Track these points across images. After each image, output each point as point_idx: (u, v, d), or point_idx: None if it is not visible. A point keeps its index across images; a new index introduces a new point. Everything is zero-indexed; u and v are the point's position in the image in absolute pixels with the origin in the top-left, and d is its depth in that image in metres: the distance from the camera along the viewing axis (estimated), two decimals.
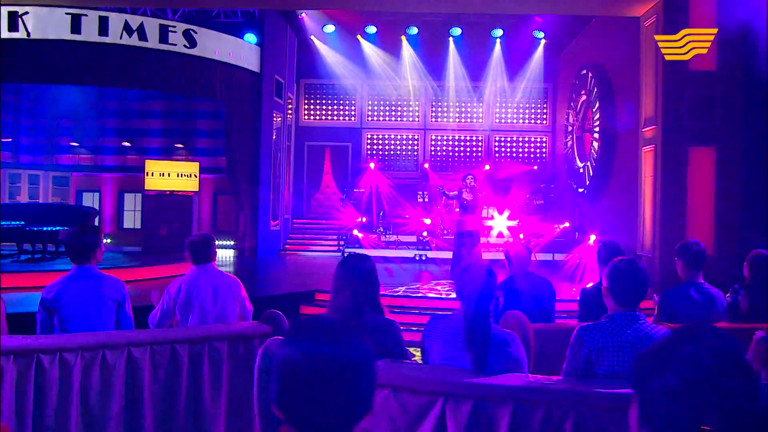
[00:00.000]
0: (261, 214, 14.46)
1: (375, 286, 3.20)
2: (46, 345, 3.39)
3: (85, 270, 3.76)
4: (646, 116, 11.28)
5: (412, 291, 9.04)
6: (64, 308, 3.65)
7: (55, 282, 3.74)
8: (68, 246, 3.74)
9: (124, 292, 3.85)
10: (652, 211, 10.94)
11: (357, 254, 3.27)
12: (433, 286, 9.54)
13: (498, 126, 18.48)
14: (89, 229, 3.80)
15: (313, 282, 10.30)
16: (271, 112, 14.93)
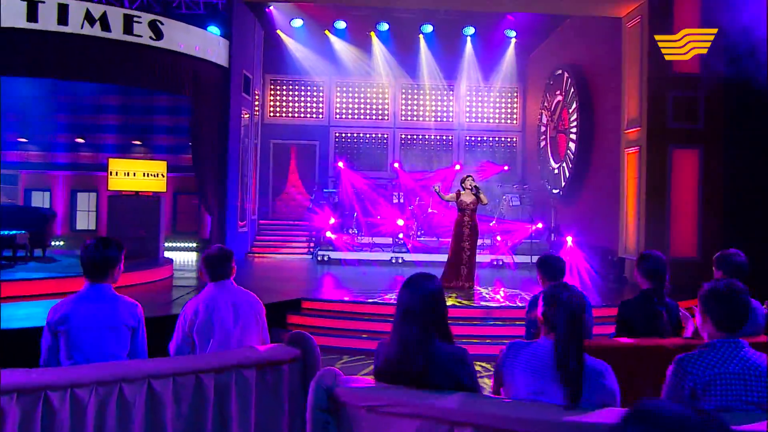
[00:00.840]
0: (229, 216, 13.88)
1: (445, 309, 2.87)
2: (56, 380, 2.92)
3: (100, 290, 3.30)
4: (629, 118, 11.27)
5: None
6: (74, 332, 3.18)
7: (63, 301, 3.27)
8: (87, 260, 3.26)
9: (140, 317, 3.41)
10: (636, 213, 10.93)
11: (422, 274, 2.92)
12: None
13: (469, 125, 18.34)
14: (113, 243, 3.33)
15: (294, 289, 9.87)
16: (240, 108, 14.36)
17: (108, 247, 3.28)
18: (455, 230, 9.91)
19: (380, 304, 8.07)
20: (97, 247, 3.26)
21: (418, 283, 2.85)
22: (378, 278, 11.63)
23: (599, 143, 13.13)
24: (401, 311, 2.82)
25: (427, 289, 2.82)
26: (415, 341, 2.74)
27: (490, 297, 9.00)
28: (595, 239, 12.80)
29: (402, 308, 2.82)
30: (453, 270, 9.75)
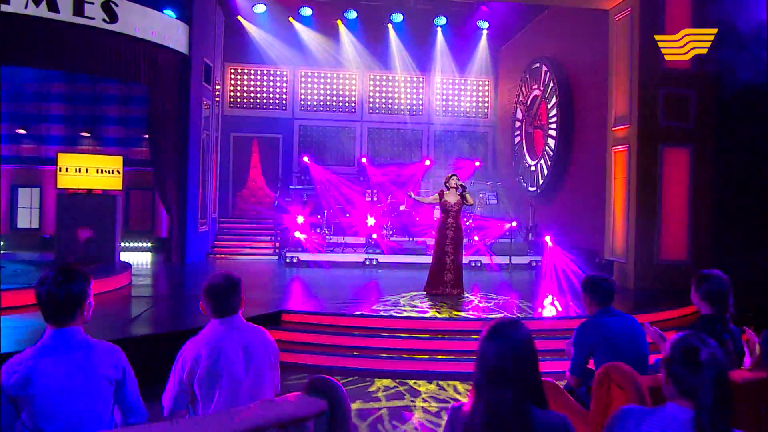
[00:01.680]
0: (190, 214, 12.99)
1: (537, 366, 2.24)
2: None
3: (67, 336, 2.55)
4: (617, 114, 10.91)
5: (390, 308, 8.10)
6: (40, 399, 2.42)
7: (21, 358, 2.49)
8: (46, 299, 2.51)
9: (123, 364, 2.67)
10: (624, 214, 10.59)
11: (507, 322, 2.25)
12: (408, 301, 8.64)
13: (440, 119, 17.80)
14: (78, 273, 2.59)
15: (266, 297, 9.14)
16: (200, 98, 13.44)
17: (72, 280, 2.54)
18: (438, 233, 9.34)
19: (370, 316, 7.42)
20: (58, 282, 2.50)
21: (505, 334, 2.20)
22: (354, 283, 10.98)
23: (581, 140, 12.78)
24: (487, 371, 2.18)
25: (518, 340, 2.19)
26: (509, 410, 2.11)
27: (483, 305, 8.47)
28: (577, 240, 12.45)
29: (488, 367, 2.18)
30: (436, 276, 9.18)
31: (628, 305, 9.25)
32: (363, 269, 12.64)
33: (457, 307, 8.28)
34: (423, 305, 8.30)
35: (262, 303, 8.35)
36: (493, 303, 8.56)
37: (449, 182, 9.31)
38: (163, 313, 7.69)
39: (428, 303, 8.47)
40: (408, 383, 6.23)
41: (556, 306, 8.78)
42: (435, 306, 8.26)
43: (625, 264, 10.48)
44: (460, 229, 9.29)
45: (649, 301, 9.40)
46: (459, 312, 7.89)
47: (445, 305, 8.31)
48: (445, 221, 9.24)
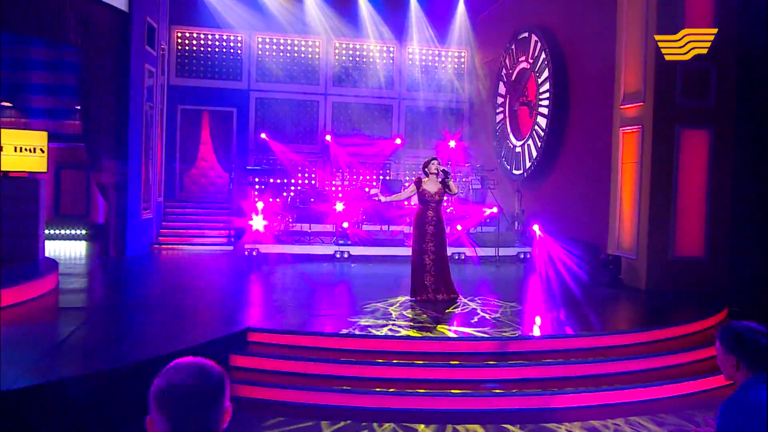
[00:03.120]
0: (131, 199, 11.32)
1: None
2: None
3: None
4: (627, 91, 9.74)
5: (379, 321, 6.75)
6: None
7: None
8: None
9: None
10: (635, 203, 9.47)
11: None
12: (399, 310, 7.30)
13: (412, 93, 16.38)
14: None
15: (226, 307, 7.67)
16: (143, 64, 11.68)
17: None
18: (415, 229, 7.98)
19: (360, 337, 6.05)
20: None
21: None
22: (326, 282, 9.59)
23: (577, 119, 11.60)
24: None
25: None
26: None
27: (489, 314, 7.21)
28: (572, 230, 11.33)
29: None
30: (417, 279, 7.86)
31: (643, 312, 8.18)
32: (333, 263, 11.24)
33: (460, 318, 6.99)
34: (420, 317, 6.98)
35: (223, 317, 6.90)
36: (499, 311, 7.29)
37: (429, 167, 7.95)
38: (98, 334, 6.13)
39: (423, 314, 7.15)
40: (416, 430, 4.92)
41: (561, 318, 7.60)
42: (433, 317, 6.95)
43: (634, 260, 9.40)
44: (442, 223, 7.96)
45: (666, 305, 8.35)
46: (462, 329, 6.59)
47: (447, 317, 7.01)
48: (424, 214, 7.88)
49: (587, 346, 6.24)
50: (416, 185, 7.97)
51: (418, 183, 7.96)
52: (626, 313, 8.20)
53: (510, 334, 6.27)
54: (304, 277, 9.87)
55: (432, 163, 7.97)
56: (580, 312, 7.59)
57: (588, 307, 8.00)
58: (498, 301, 7.91)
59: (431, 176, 7.91)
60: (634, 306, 8.50)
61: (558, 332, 6.63)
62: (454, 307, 7.47)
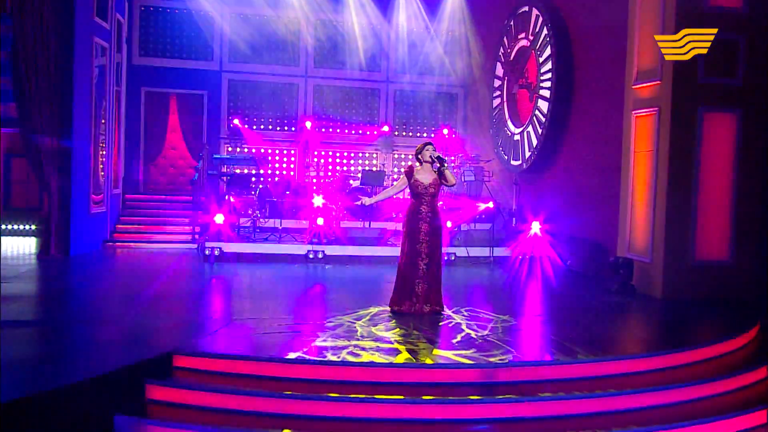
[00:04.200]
0: (77, 189, 10.20)
1: None
2: None
3: None
4: (641, 68, 8.62)
5: (341, 341, 5.63)
6: None
7: None
8: None
9: None
10: (649, 198, 8.36)
11: None
12: (367, 326, 6.17)
13: (400, 77, 15.21)
14: None
15: (159, 317, 6.54)
16: (91, 38, 10.52)
17: None
18: (406, 226, 6.88)
19: (310, 363, 4.93)
20: None
21: None
22: (292, 289, 8.46)
23: (584, 102, 10.47)
24: None
25: None
26: None
27: (472, 331, 6.09)
28: (577, 229, 10.23)
29: None
30: (405, 286, 6.75)
31: (661, 328, 7.07)
32: (305, 265, 10.11)
33: (436, 336, 5.88)
34: (389, 334, 5.84)
35: (148, 332, 5.77)
36: (488, 328, 6.17)
37: (422, 154, 6.85)
38: (19, 354, 4.96)
39: (396, 329, 6.02)
40: None
41: None
42: (407, 335, 5.83)
43: (649, 264, 8.28)
44: (438, 219, 6.85)
45: (688, 318, 7.25)
46: (440, 352, 5.46)
47: (420, 333, 5.89)
48: (416, 209, 6.78)
49: (594, 374, 5.13)
50: (407, 175, 6.86)
51: (410, 172, 6.85)
52: (641, 330, 7.07)
53: (499, 359, 5.15)
54: (267, 282, 8.75)
55: (426, 149, 6.84)
56: (586, 327, 6.48)
57: (595, 320, 6.90)
58: (488, 314, 6.79)
59: (425, 164, 6.80)
60: (649, 319, 7.39)
61: (558, 356, 5.50)
62: (436, 322, 6.36)
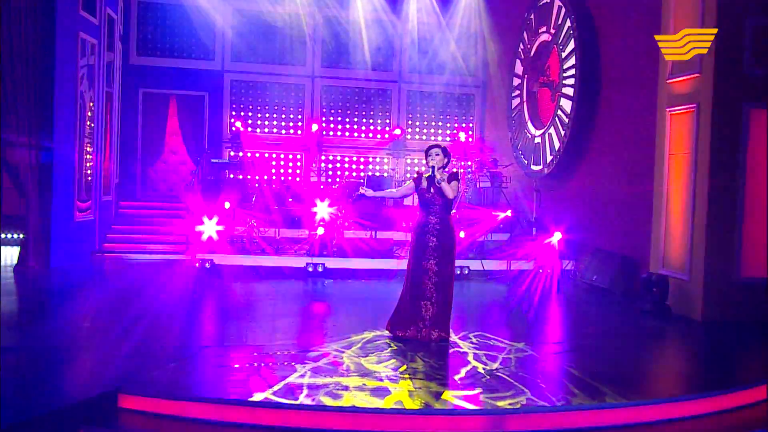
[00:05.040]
0: (58, 196, 9.54)
1: None
2: None
3: None
4: (677, 60, 7.70)
5: (322, 379, 4.82)
6: None
7: None
8: None
9: None
10: (687, 207, 7.43)
11: None
12: (356, 356, 5.35)
13: (413, 77, 14.41)
14: None
15: (126, 342, 5.77)
16: (76, 33, 9.88)
17: None
18: (413, 238, 6.05)
19: (277, 406, 4.11)
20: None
21: None
22: (284, 309, 7.62)
23: (611, 99, 9.57)
24: None
25: None
26: None
27: (485, 365, 5.23)
28: (605, 241, 9.31)
29: None
30: (410, 308, 5.91)
31: (704, 359, 6.13)
32: (304, 279, 9.31)
33: (436, 371, 5.02)
34: (381, 368, 4.99)
35: (100, 363, 5.00)
36: (499, 359, 5.31)
37: (431, 158, 5.99)
38: None
39: (390, 361, 5.18)
40: None
41: None
42: (403, 367, 4.99)
43: (686, 282, 7.34)
44: (449, 233, 5.95)
45: (734, 346, 6.31)
46: (450, 392, 4.61)
47: (417, 367, 5.04)
48: (424, 221, 5.94)
49: (625, 422, 4.25)
50: (415, 181, 6.03)
51: (419, 179, 6.02)
52: (680, 362, 6.12)
53: (510, 403, 4.29)
54: (254, 300, 7.93)
55: (430, 154, 5.97)
56: (615, 360, 5.57)
57: (625, 350, 5.99)
58: (501, 341, 5.91)
59: (439, 170, 5.94)
60: (689, 348, 6.46)
61: (581, 398, 4.61)
62: (439, 352, 5.51)
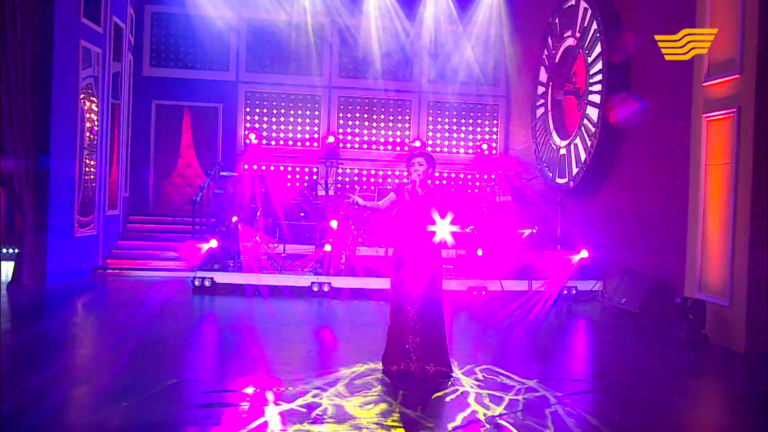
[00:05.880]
0: (55, 209, 9.06)
1: None
2: None
3: None
4: (713, 60, 6.85)
5: (296, 423, 4.09)
6: None
7: None
8: None
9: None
10: (727, 224, 6.54)
11: None
12: (332, 399, 4.61)
13: (433, 87, 13.71)
14: None
15: (83, 376, 5.13)
16: (77, 40, 9.42)
17: None
18: (393, 259, 5.29)
19: None
20: None
21: None
22: (277, 331, 6.92)
23: (642, 106, 8.70)
24: None
25: None
26: None
27: (487, 409, 4.45)
28: (636, 261, 8.42)
29: None
30: (393, 339, 5.14)
31: (748, 401, 5.22)
32: (308, 299, 8.60)
33: (426, 418, 4.23)
34: (363, 412, 4.22)
35: (33, 407, 4.34)
36: (505, 400, 4.51)
37: (414, 167, 5.24)
38: None
39: (378, 404, 4.41)
40: None
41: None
42: (386, 414, 4.22)
43: (726, 309, 6.44)
44: (435, 252, 5.21)
45: None
46: None
47: (410, 412, 4.26)
48: (406, 238, 5.20)
49: None
50: (396, 192, 5.29)
51: (399, 190, 5.29)
52: (722, 408, 5.16)
53: None
54: (246, 324, 7.24)
55: (413, 164, 5.26)
56: (644, 406, 4.69)
57: (657, 390, 5.09)
58: (510, 377, 5.11)
59: (417, 182, 5.22)
60: (729, 387, 5.55)
61: None
62: (436, 390, 4.73)
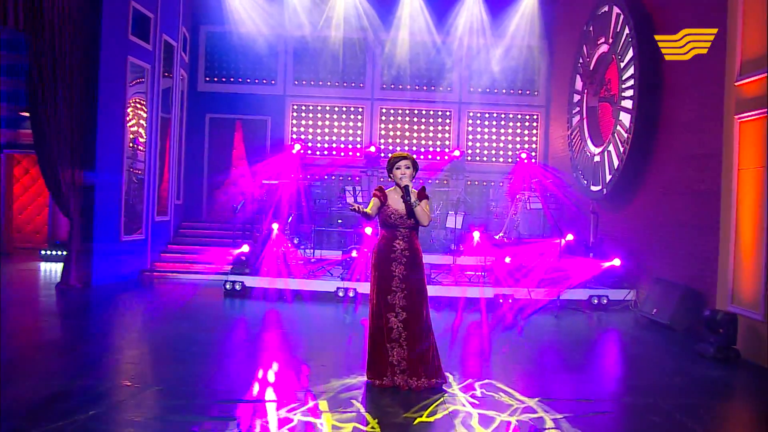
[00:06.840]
0: (100, 215, 8.97)
1: None
2: None
3: None
4: (746, 58, 6.01)
5: None
6: None
7: None
8: None
9: None
10: (761, 233, 5.68)
11: None
12: (330, 423, 4.10)
13: (472, 98, 13.08)
14: None
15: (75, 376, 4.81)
16: (125, 57, 9.33)
17: None
18: (375, 268, 4.60)
19: None
20: None
21: None
22: (290, 337, 6.47)
23: (674, 112, 7.85)
24: None
25: None
26: None
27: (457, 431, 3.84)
28: (667, 270, 7.56)
29: None
30: (375, 352, 4.55)
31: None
32: (334, 305, 8.14)
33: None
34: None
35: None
36: (494, 424, 3.88)
37: (393, 173, 4.61)
38: None
39: (351, 423, 3.88)
40: None
41: None
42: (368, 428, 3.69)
43: (760, 323, 5.57)
44: (418, 259, 4.59)
45: None
46: None
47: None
48: (389, 246, 4.57)
49: None
50: (378, 197, 4.70)
51: (381, 195, 4.67)
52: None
53: None
54: (261, 329, 6.82)
55: (398, 166, 4.64)
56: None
57: (683, 414, 4.26)
58: (510, 394, 4.45)
59: (399, 186, 4.62)
60: (763, 412, 4.71)
61: None
62: (424, 408, 4.15)
